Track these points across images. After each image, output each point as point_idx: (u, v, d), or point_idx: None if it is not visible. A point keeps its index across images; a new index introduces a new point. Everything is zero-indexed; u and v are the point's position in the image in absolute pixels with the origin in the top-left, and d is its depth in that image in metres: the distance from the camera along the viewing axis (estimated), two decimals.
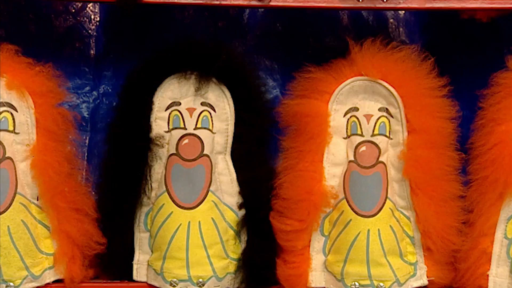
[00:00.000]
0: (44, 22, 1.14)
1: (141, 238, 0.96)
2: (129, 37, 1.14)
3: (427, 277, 0.95)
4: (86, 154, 1.12)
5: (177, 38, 1.09)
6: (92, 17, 1.16)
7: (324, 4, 0.92)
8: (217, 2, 0.92)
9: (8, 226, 0.87)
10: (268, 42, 1.17)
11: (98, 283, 0.96)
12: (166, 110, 0.94)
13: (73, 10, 1.15)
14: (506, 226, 0.93)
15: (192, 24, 1.18)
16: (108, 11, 1.15)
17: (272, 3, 0.92)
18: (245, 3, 0.92)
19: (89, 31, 1.16)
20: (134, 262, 0.96)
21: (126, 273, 0.96)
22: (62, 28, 1.15)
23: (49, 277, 0.93)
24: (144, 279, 0.96)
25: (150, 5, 0.97)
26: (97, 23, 1.16)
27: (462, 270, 0.95)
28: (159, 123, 0.95)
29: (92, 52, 1.17)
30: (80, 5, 1.15)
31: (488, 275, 0.94)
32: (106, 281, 0.96)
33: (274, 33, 1.18)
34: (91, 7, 1.15)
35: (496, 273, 0.94)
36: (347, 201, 0.92)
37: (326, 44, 1.16)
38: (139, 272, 0.96)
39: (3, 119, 0.88)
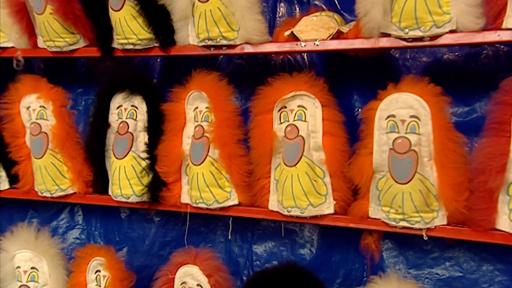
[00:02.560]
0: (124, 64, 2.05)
1: (110, 174, 1.86)
2: (174, 77, 1.86)
3: (238, 200, 1.68)
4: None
5: None
6: (157, 65, 2.04)
7: (210, 52, 1.65)
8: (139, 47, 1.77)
9: (44, 165, 1.86)
10: (235, 77, 1.86)
11: (93, 195, 1.91)
12: (116, 109, 1.82)
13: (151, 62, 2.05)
14: (275, 171, 1.62)
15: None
16: (163, 62, 2.02)
17: (175, 53, 1.71)
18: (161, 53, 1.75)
19: (153, 73, 2.05)
20: (109, 186, 1.87)
21: (106, 191, 1.88)
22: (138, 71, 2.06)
23: (70, 191, 1.90)
24: (111, 194, 1.86)
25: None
26: (159, 67, 2.05)
27: (255, 197, 1.67)
28: (113, 116, 1.82)
29: None
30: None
31: (268, 200, 1.64)
32: (97, 195, 1.90)
33: (239, 72, 1.91)
34: (158, 59, 2.03)
35: (272, 199, 1.64)
36: (190, 157, 1.69)
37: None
38: (110, 191, 1.87)
39: (41, 113, 1.86)
